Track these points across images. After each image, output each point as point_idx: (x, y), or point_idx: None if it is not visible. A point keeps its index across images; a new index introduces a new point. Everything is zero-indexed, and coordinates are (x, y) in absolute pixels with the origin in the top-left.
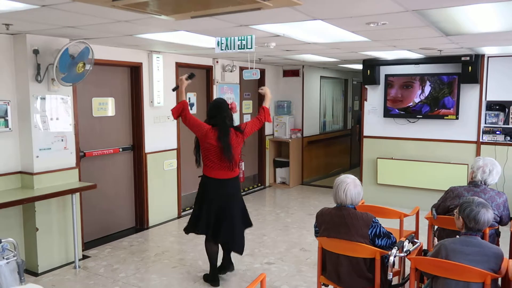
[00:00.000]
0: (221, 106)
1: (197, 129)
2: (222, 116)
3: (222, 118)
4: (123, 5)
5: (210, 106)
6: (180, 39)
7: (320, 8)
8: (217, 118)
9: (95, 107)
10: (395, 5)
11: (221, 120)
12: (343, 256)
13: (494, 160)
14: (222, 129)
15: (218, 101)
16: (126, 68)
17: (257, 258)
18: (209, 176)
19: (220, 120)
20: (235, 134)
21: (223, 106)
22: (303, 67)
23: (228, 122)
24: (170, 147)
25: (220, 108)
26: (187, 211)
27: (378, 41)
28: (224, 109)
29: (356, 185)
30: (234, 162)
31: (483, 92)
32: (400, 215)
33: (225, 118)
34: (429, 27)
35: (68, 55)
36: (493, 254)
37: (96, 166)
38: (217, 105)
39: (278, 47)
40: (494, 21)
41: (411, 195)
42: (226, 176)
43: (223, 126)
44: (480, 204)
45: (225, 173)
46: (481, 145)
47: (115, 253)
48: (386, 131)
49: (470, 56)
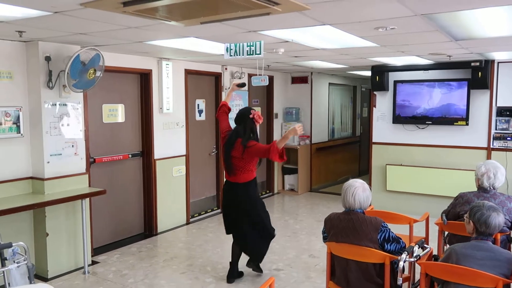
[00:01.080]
0: (242, 117)
1: (221, 132)
2: (240, 125)
3: (238, 128)
4: (133, 11)
5: (237, 114)
6: (189, 46)
7: (329, 13)
8: (237, 127)
9: (105, 113)
10: (404, 9)
11: (235, 130)
12: (352, 261)
13: (495, 162)
14: (229, 138)
15: (241, 111)
16: (136, 75)
17: (266, 265)
18: (226, 178)
19: (235, 128)
20: (239, 146)
21: (243, 116)
22: (311, 74)
23: (242, 133)
24: (179, 154)
25: (240, 118)
26: (196, 218)
27: (386, 47)
28: (244, 120)
29: (365, 189)
30: (234, 168)
31: (493, 98)
32: (409, 221)
33: (241, 128)
34: (438, 32)
35: (79, 62)
36: (505, 259)
37: (106, 172)
38: (238, 114)
39: (287, 53)
40: (504, 25)
41: (421, 202)
42: (233, 180)
43: (230, 136)
44: (491, 208)
45: (231, 177)
46: (491, 151)
47: (124, 259)
48: (396, 138)
49: (480, 62)
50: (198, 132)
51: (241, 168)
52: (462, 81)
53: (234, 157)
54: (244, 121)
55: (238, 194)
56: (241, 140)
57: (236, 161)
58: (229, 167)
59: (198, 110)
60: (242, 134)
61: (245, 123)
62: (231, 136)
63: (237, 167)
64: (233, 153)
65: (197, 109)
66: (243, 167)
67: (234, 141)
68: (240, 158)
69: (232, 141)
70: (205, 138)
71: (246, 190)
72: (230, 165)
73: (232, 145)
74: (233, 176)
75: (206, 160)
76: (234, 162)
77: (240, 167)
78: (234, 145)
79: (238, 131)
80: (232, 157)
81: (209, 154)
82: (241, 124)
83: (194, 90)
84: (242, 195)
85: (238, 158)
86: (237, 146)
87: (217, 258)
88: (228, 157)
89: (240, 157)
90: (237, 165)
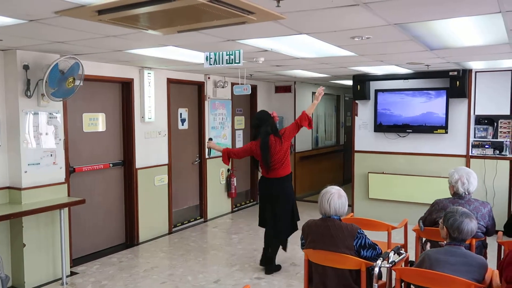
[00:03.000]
0: (263, 117)
1: (248, 153)
2: (265, 125)
3: (265, 127)
4: (109, 19)
5: (254, 118)
6: (170, 55)
7: (304, 22)
8: (260, 128)
9: (85, 122)
10: (378, 19)
11: (264, 130)
12: (329, 268)
13: (466, 168)
14: (261, 140)
15: (260, 113)
16: (117, 83)
17: (247, 273)
18: (263, 175)
19: (263, 129)
20: (275, 139)
21: (264, 117)
22: (294, 83)
23: (270, 130)
24: (161, 163)
25: (262, 119)
26: (178, 227)
27: (365, 56)
28: (266, 119)
29: (341, 196)
30: (274, 163)
31: (471, 106)
32: (388, 228)
33: (267, 126)
34: (413, 41)
35: (58, 71)
36: (478, 264)
37: (86, 181)
38: (259, 117)
39: (267, 62)
40: (476, 35)
41: (403, 209)
42: (273, 176)
43: (263, 137)
44: (463, 214)
45: (270, 173)
46: (470, 159)
47: (103, 270)
48: (377, 146)
49: (457, 71)
50: (181, 141)
51: (280, 161)
52: (441, 90)
53: (274, 153)
54: (266, 121)
55: (278, 188)
56: (273, 135)
57: (276, 156)
58: (268, 165)
59: (181, 119)
60: (270, 131)
61: (266, 122)
62: (263, 138)
63: (277, 161)
64: (272, 150)
65: (179, 118)
66: (281, 160)
67: (268, 140)
68: (279, 151)
69: (266, 140)
70: (188, 147)
71: (284, 183)
72: (269, 163)
73: (267, 143)
74: (273, 172)
75: (189, 169)
76: (274, 158)
77: (279, 161)
78: (269, 142)
79: (267, 131)
80: (272, 155)
81: (192, 163)
82: (263, 124)
83: (176, 99)
84: (281, 188)
85: (278, 152)
86: (272, 142)
87: (198, 268)
88: (267, 155)
89: (280, 149)
90: (277, 159)
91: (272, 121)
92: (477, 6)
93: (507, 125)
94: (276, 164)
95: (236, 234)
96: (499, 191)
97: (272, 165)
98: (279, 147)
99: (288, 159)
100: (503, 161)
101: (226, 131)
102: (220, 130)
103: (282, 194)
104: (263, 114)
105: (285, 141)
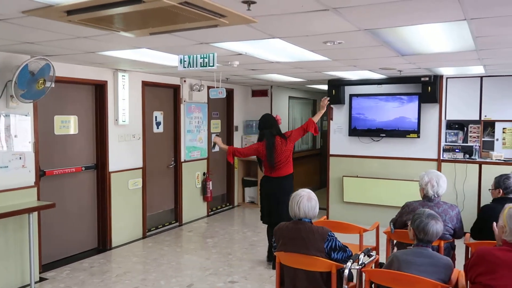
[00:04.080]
0: (267, 121)
1: (254, 153)
2: (270, 127)
3: (270, 129)
4: (79, 20)
5: (260, 121)
6: (144, 57)
7: (276, 26)
8: (265, 130)
9: (57, 125)
10: (348, 24)
11: (269, 132)
12: (300, 270)
13: (436, 171)
14: (267, 141)
15: (265, 116)
16: (90, 86)
17: (221, 277)
18: (266, 175)
19: (267, 131)
20: (280, 140)
21: (269, 119)
22: (271, 87)
23: (275, 132)
24: (135, 166)
25: (267, 122)
26: (153, 231)
27: (338, 61)
28: (271, 122)
29: (311, 198)
30: (279, 163)
31: (442, 111)
32: (359, 230)
33: (272, 128)
34: (383, 47)
35: (27, 72)
36: (443, 264)
37: (57, 185)
38: (264, 120)
39: (242, 66)
40: (445, 42)
41: (377, 212)
42: (276, 175)
43: (268, 139)
44: (430, 215)
45: (275, 172)
46: (441, 162)
47: (74, 275)
48: (352, 150)
49: (429, 77)
50: (155, 144)
51: (284, 161)
52: (413, 95)
53: (279, 154)
54: (271, 123)
55: (280, 186)
56: (278, 136)
57: (281, 156)
58: (272, 164)
59: (156, 122)
60: (275, 132)
61: (272, 124)
62: (269, 139)
63: (281, 161)
64: (278, 150)
65: (155, 121)
66: (286, 160)
67: (274, 141)
68: (284, 152)
69: (272, 142)
70: (163, 151)
71: (286, 182)
72: (274, 163)
73: (273, 144)
74: (276, 171)
75: (164, 172)
76: (279, 158)
77: (283, 161)
78: (275, 143)
79: (272, 132)
80: (277, 155)
81: (167, 166)
82: (269, 126)
83: (152, 102)
84: (284, 186)
85: (283, 152)
86: (278, 143)
87: (171, 272)
88: (272, 156)
89: (285, 150)
90: (281, 160)
91: (276, 124)
92: (442, 14)
93: (476, 129)
94: (280, 164)
95: (211, 238)
96: (469, 194)
97: (276, 165)
98: (284, 147)
99: (291, 159)
100: (472, 164)
101: (202, 134)
102: (196, 134)
103: (285, 191)
104: (267, 117)
105: (290, 142)
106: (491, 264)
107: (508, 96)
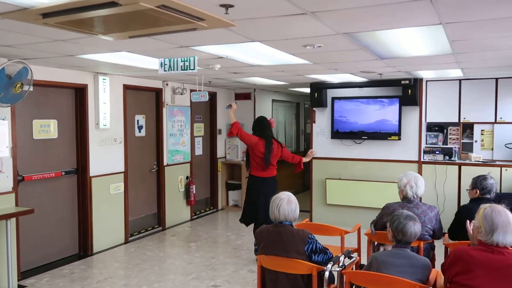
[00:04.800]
0: (264, 122)
1: (250, 139)
2: (265, 129)
3: (266, 131)
4: (55, 23)
5: (255, 122)
6: (124, 61)
7: (255, 30)
8: (262, 131)
9: (36, 129)
10: (326, 28)
11: (265, 133)
12: (281, 273)
13: (414, 173)
14: (267, 141)
15: (260, 118)
16: (70, 89)
17: (204, 281)
18: (254, 175)
19: (264, 133)
20: (277, 145)
21: (264, 122)
22: (254, 90)
23: (270, 134)
24: (116, 170)
25: (262, 124)
26: (135, 236)
27: (319, 64)
28: (266, 124)
29: (290, 201)
30: (271, 165)
31: (422, 114)
32: (341, 232)
33: (270, 131)
34: (363, 50)
35: (4, 75)
36: (421, 265)
37: (36, 190)
38: (258, 122)
39: (224, 69)
40: (422, 45)
41: (359, 214)
42: (264, 175)
43: (268, 140)
44: (408, 217)
45: (265, 172)
46: (422, 164)
47: (54, 282)
48: (334, 152)
49: (409, 80)
50: (137, 148)
51: (274, 164)
52: (394, 98)
53: (273, 156)
54: (268, 127)
55: (269, 184)
56: (275, 140)
57: (274, 158)
58: (268, 164)
59: (138, 126)
60: (273, 136)
61: (268, 128)
62: (269, 140)
63: (272, 163)
64: (274, 152)
65: (136, 125)
66: (275, 163)
67: (272, 143)
68: (276, 155)
69: (271, 143)
70: (145, 154)
71: (273, 182)
72: (269, 163)
73: (271, 146)
74: (265, 171)
75: (147, 176)
76: (272, 160)
77: (273, 164)
78: (272, 146)
79: (271, 135)
80: (272, 157)
81: (150, 170)
82: (266, 129)
83: (133, 105)
84: (272, 185)
85: (276, 155)
86: (275, 146)
87: (154, 277)
88: (269, 156)
89: (277, 154)
90: (272, 162)
91: (270, 128)
92: (417, 18)
93: (455, 132)
94: (271, 165)
95: (194, 242)
96: (449, 195)
97: (269, 165)
98: (278, 152)
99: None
100: (452, 166)
101: (185, 138)
102: (179, 137)
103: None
104: (264, 120)
105: (284, 148)
106: (467, 264)
107: (486, 99)
